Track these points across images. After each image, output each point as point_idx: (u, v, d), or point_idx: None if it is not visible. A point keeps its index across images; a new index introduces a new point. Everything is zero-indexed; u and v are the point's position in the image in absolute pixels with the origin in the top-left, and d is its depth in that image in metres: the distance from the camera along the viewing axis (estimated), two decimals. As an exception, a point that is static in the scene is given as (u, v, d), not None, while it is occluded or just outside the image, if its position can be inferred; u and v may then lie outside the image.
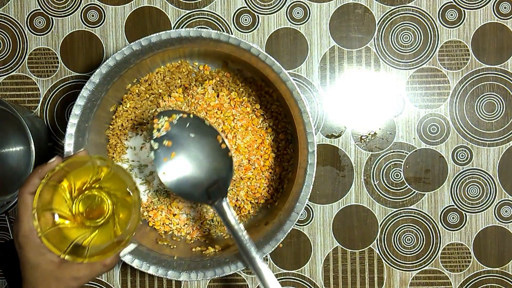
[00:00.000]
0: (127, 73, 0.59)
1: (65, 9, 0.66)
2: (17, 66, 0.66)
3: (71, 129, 0.56)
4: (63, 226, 0.50)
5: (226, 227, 0.56)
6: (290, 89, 0.55)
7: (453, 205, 0.67)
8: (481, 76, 0.66)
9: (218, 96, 0.63)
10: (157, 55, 0.59)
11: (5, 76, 0.66)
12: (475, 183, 0.67)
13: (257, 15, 0.66)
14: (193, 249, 0.62)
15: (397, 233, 0.67)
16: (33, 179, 0.48)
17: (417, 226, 0.67)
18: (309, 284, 0.67)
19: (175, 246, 0.62)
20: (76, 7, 0.66)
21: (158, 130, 0.57)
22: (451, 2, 0.66)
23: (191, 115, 0.58)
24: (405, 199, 0.67)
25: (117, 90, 0.61)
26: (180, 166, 0.58)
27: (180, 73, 0.63)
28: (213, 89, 0.63)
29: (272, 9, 0.66)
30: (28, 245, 0.46)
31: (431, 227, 0.67)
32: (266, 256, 0.67)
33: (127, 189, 0.51)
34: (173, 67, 0.63)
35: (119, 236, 0.50)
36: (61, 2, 0.66)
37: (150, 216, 0.64)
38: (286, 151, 0.63)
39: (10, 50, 0.66)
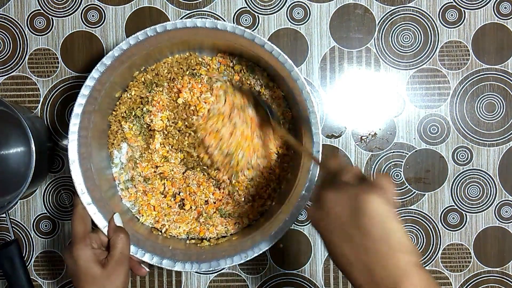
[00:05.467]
0: (136, 61, 0.59)
1: (65, 9, 0.66)
2: (17, 66, 0.66)
3: (78, 109, 0.55)
4: None
5: None
6: (300, 87, 0.55)
7: (453, 205, 0.67)
8: (481, 76, 0.66)
9: (225, 101, 0.63)
10: (165, 47, 0.59)
11: (5, 77, 0.66)
12: (475, 183, 0.67)
13: (257, 15, 0.66)
14: (188, 241, 0.62)
15: (397, 233, 0.67)
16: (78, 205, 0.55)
17: (417, 226, 0.67)
18: (309, 284, 0.67)
19: (169, 237, 0.62)
20: (76, 7, 0.66)
21: None
22: (451, 2, 0.66)
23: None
24: (405, 199, 0.67)
25: (123, 77, 0.61)
26: None
27: (188, 64, 0.63)
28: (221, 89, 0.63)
29: (272, 9, 0.66)
30: (80, 256, 0.52)
31: (431, 227, 0.67)
32: (267, 256, 0.67)
33: None
34: (181, 58, 0.63)
35: None
36: (61, 2, 0.66)
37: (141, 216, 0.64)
38: (286, 152, 0.63)
39: (10, 50, 0.66)
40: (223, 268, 0.66)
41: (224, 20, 0.66)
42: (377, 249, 0.38)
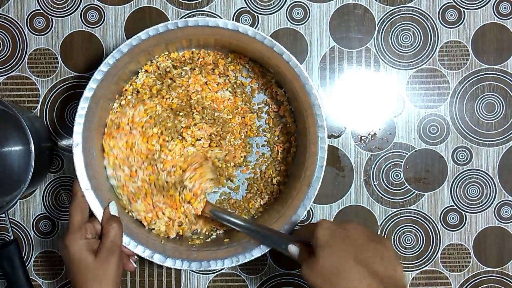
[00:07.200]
0: (152, 51, 0.59)
1: (65, 9, 0.66)
2: (17, 66, 0.66)
3: (88, 93, 0.55)
4: None
5: None
6: (308, 91, 0.55)
7: (453, 205, 0.67)
8: (481, 76, 0.66)
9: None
10: (183, 40, 0.59)
11: (5, 76, 0.66)
12: (475, 183, 0.67)
13: (257, 15, 0.66)
14: (179, 237, 0.62)
15: (397, 233, 0.67)
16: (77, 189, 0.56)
17: (417, 227, 0.67)
18: (309, 284, 0.67)
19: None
20: (76, 7, 0.66)
21: None
22: (451, 2, 0.66)
23: None
24: (405, 200, 0.67)
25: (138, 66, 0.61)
26: None
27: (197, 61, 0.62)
28: (229, 91, 0.62)
29: (272, 9, 0.66)
30: (73, 245, 0.52)
31: (431, 227, 0.67)
32: (267, 256, 0.67)
33: None
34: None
35: None
36: (61, 2, 0.66)
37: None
38: (288, 160, 0.63)
39: (10, 50, 0.66)
40: (223, 269, 0.66)
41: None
42: None
